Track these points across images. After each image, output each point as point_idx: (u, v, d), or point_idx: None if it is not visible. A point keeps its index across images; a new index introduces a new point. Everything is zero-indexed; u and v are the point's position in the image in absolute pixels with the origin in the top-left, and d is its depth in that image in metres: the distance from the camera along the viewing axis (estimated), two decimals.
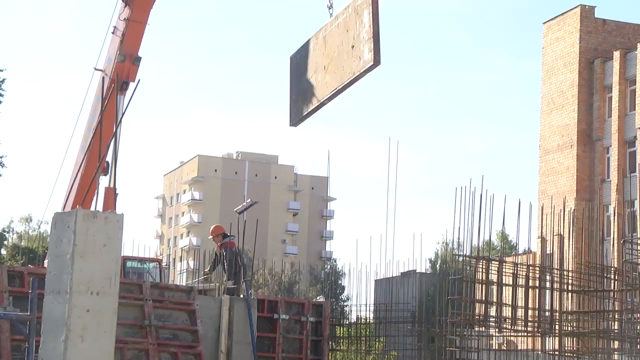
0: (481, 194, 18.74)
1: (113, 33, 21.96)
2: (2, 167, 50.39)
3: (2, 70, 51.07)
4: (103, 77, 21.58)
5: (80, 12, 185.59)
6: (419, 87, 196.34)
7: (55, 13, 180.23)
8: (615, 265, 22.22)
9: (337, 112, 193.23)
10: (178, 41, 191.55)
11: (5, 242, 54.62)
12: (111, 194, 20.58)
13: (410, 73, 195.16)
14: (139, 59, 21.39)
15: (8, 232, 60.49)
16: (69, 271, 10.96)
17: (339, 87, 16.42)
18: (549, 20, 59.15)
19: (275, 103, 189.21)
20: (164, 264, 35.32)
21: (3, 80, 50.63)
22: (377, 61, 14.99)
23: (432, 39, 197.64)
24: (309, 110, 17.75)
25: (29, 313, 11.30)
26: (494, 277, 18.87)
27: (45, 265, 12.49)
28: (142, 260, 29.59)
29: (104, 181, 21.76)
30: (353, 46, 15.91)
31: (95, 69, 22.67)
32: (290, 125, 18.88)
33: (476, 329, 20.05)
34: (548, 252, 42.02)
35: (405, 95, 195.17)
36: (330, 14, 17.61)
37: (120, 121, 19.70)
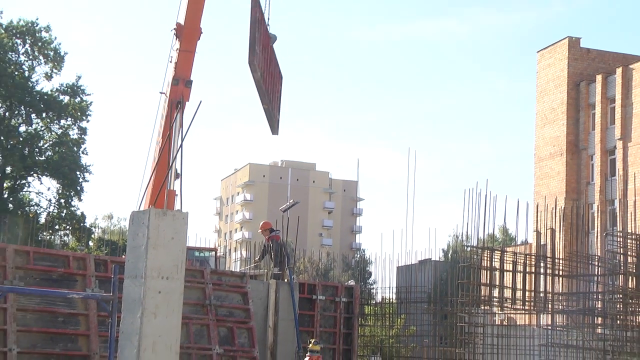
0: (486, 195, 18.72)
1: (170, 62, 22.01)
2: (89, 173, 50.84)
3: (89, 95, 51.56)
4: (171, 100, 21.59)
5: (103, 23, 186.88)
6: (433, 105, 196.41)
7: (79, 24, 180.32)
8: (599, 254, 22.09)
9: (364, 126, 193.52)
10: (234, 64, 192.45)
11: (92, 236, 54.89)
12: (172, 195, 20.59)
13: (426, 92, 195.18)
14: (191, 82, 21.34)
15: (94, 228, 60.82)
16: (143, 260, 11.04)
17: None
18: (542, 49, 59.08)
19: (313, 119, 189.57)
20: (219, 253, 35.62)
21: (91, 103, 51.06)
22: (250, 61, 14.53)
23: (445, 65, 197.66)
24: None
25: (111, 294, 11.39)
26: (496, 264, 18.82)
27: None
28: (201, 249, 30.01)
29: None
30: None
31: (160, 93, 22.75)
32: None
33: (482, 307, 19.97)
34: (542, 243, 41.94)
35: (422, 111, 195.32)
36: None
37: (185, 135, 19.77)
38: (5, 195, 49.53)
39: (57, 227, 50.55)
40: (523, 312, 20.11)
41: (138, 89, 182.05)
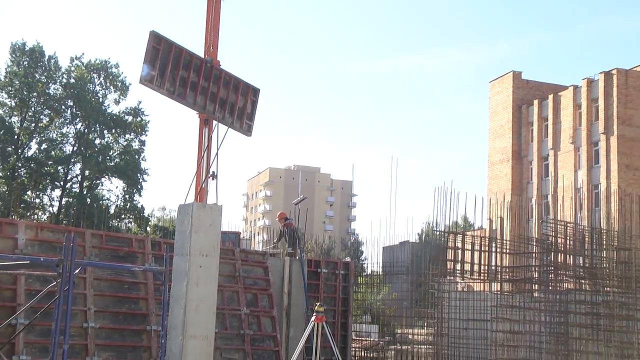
0: (451, 191, 18.63)
1: None
2: (147, 175, 50.91)
3: (147, 115, 51.56)
4: (201, 118, 20.99)
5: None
6: (412, 121, 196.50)
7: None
8: (536, 236, 21.99)
9: (358, 138, 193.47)
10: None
11: (149, 223, 54.97)
12: (202, 192, 20.22)
13: (406, 111, 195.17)
14: None
15: (151, 217, 60.86)
16: (188, 241, 11.04)
17: None
18: (493, 80, 59.14)
19: (318, 132, 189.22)
20: (246, 237, 35.57)
21: (148, 122, 51.07)
22: (140, 81, 13.44)
23: (419, 90, 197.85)
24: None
25: (164, 267, 11.40)
26: (459, 244, 18.75)
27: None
28: (228, 233, 29.83)
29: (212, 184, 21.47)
30: None
31: (197, 113, 22.07)
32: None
33: (447, 278, 19.89)
34: (494, 228, 41.98)
35: (403, 126, 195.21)
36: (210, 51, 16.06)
37: (220, 147, 19.50)
38: (85, 192, 49.64)
39: (123, 216, 50.64)
40: (479, 281, 20.05)
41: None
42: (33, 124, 48.70)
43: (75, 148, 49.36)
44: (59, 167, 49.24)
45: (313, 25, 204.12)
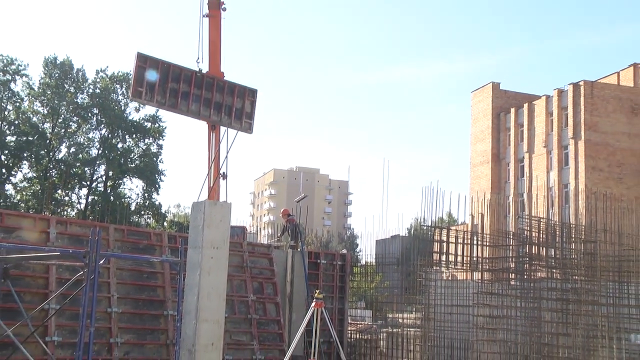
0: (437, 190, 18.61)
1: None
2: (164, 176, 50.82)
3: (164, 122, 51.43)
4: (208, 124, 20.76)
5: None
6: (402, 126, 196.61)
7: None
8: (513, 230, 21.99)
9: (354, 142, 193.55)
10: (261, 89, 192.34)
11: (166, 219, 54.98)
12: (213, 191, 20.15)
13: (397, 117, 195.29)
14: None
15: (167, 213, 60.83)
16: (201, 235, 11.03)
17: None
18: (474, 90, 59.25)
19: (318, 136, 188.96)
20: (252, 231, 35.46)
21: (165, 127, 50.97)
22: (130, 97, 13.35)
23: (409, 97, 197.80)
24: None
25: (179, 259, 11.40)
26: (444, 238, 18.74)
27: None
28: (236, 227, 29.51)
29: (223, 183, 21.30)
30: None
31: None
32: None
33: (434, 268, 19.89)
34: (475, 223, 42.01)
35: (394, 131, 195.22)
36: (198, 63, 15.48)
37: (229, 149, 19.42)
38: (109, 191, 49.64)
39: (142, 212, 50.60)
40: (462, 270, 20.05)
41: None
42: (63, 130, 48.75)
43: (100, 151, 49.37)
44: (86, 169, 49.26)
45: (315, 38, 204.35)
